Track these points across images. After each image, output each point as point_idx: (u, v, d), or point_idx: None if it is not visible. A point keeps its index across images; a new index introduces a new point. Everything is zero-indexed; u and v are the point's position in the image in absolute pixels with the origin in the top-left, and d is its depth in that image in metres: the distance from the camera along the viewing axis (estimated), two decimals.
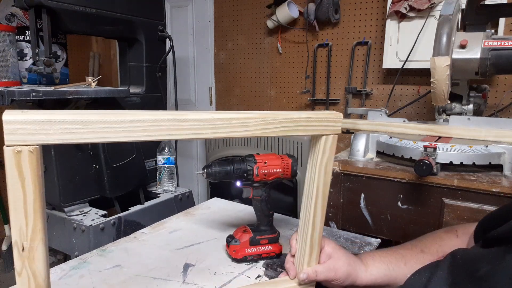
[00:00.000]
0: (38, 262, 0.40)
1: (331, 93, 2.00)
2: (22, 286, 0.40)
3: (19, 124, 0.36)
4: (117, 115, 0.40)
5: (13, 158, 0.36)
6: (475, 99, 1.27)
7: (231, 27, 2.32)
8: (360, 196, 1.17)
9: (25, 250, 0.39)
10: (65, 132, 0.38)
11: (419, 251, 0.62)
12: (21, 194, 0.38)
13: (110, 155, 1.37)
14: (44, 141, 0.38)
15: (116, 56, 2.68)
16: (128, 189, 1.47)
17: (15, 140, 0.36)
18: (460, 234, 0.61)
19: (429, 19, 1.56)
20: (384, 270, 0.61)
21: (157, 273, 0.69)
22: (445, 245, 0.61)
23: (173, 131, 0.42)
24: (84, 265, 0.72)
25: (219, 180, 0.71)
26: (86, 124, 0.39)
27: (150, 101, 1.63)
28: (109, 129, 0.40)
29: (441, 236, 0.63)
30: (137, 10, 1.51)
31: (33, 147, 0.37)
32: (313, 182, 0.55)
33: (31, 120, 0.36)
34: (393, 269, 0.61)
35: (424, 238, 0.65)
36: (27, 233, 0.39)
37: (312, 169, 0.55)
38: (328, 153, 0.53)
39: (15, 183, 0.37)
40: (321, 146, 0.52)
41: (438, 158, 1.03)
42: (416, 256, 0.61)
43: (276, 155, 0.75)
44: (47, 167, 1.31)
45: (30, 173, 0.37)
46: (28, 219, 0.39)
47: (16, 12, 1.55)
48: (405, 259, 0.62)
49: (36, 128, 0.37)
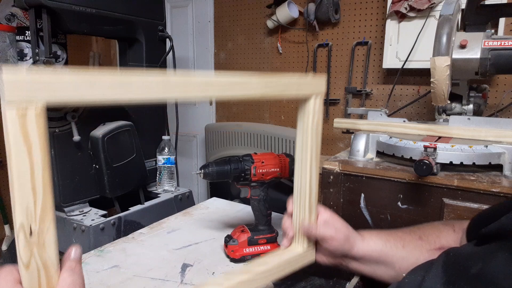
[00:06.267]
0: (50, 249, 0.34)
1: (331, 93, 2.00)
2: (31, 282, 0.34)
3: (23, 79, 0.31)
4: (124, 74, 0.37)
5: (18, 121, 0.31)
6: (475, 99, 1.27)
7: (231, 27, 2.32)
8: (360, 196, 1.16)
9: (34, 234, 0.33)
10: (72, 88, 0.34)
11: (417, 237, 0.62)
12: (28, 165, 0.32)
13: (110, 155, 1.37)
14: (51, 98, 0.32)
15: (116, 56, 2.69)
16: (128, 189, 1.47)
17: (19, 98, 0.31)
18: (457, 229, 0.61)
19: (429, 19, 1.56)
20: (380, 246, 0.61)
21: (155, 273, 0.69)
22: (442, 237, 0.61)
23: (181, 92, 0.42)
24: (82, 266, 0.72)
25: (216, 180, 0.71)
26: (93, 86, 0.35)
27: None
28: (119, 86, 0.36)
29: (439, 228, 0.63)
30: (137, 10, 1.51)
31: (40, 105, 0.32)
32: (307, 145, 0.57)
33: (36, 75, 0.32)
34: (390, 247, 0.61)
35: (423, 227, 0.65)
36: (36, 213, 0.33)
37: (304, 134, 0.57)
38: (318, 114, 0.57)
39: (21, 152, 0.31)
40: (311, 107, 0.56)
41: (438, 158, 1.02)
42: (414, 242, 0.61)
43: (273, 155, 0.75)
44: None
45: (38, 138, 0.32)
46: (37, 195, 0.33)
47: (16, 12, 1.56)
48: (403, 241, 0.62)
49: (42, 83, 0.32)
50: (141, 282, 0.67)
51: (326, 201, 1.23)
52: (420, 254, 0.60)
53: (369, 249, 0.61)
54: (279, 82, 0.50)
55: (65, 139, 1.30)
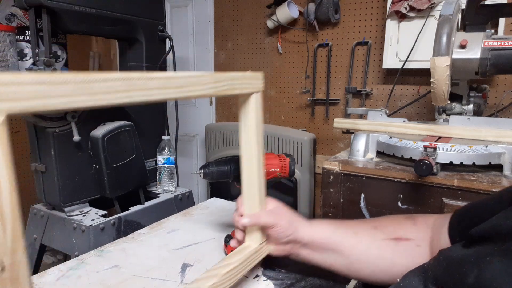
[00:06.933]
0: (24, 282, 0.30)
1: (331, 93, 2.00)
2: None
3: None
4: (89, 74, 0.34)
5: None
6: (475, 99, 1.27)
7: (231, 27, 2.32)
8: (360, 196, 1.16)
9: (6, 269, 0.28)
10: (36, 96, 0.30)
11: (372, 227, 0.61)
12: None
13: (110, 155, 1.37)
14: (12, 108, 0.28)
15: (116, 56, 2.69)
16: (128, 189, 1.47)
17: None
18: (418, 223, 0.60)
19: (429, 19, 1.56)
20: (329, 232, 0.61)
21: (155, 273, 0.69)
22: (400, 229, 0.60)
23: (142, 91, 0.40)
24: (82, 266, 0.72)
25: (216, 180, 0.71)
26: (58, 84, 0.31)
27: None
28: (84, 90, 0.33)
29: (399, 220, 0.62)
30: (137, 10, 1.51)
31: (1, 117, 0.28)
32: (251, 141, 0.60)
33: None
34: (339, 234, 0.61)
35: (382, 218, 0.64)
36: (6, 244, 0.28)
37: (248, 130, 0.60)
38: (260, 111, 0.60)
39: None
40: (253, 104, 0.59)
41: (438, 158, 1.02)
42: (368, 231, 0.61)
43: (273, 154, 0.75)
44: (47, 167, 1.31)
45: (2, 153, 0.28)
46: (6, 222, 0.28)
47: (16, 12, 1.56)
48: (355, 229, 0.61)
49: (2, 92, 0.28)
50: (141, 282, 0.67)
51: (326, 201, 1.23)
52: (371, 242, 0.59)
53: (316, 235, 0.61)
54: (226, 77, 0.52)
55: (65, 139, 1.30)
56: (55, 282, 0.66)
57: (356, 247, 0.60)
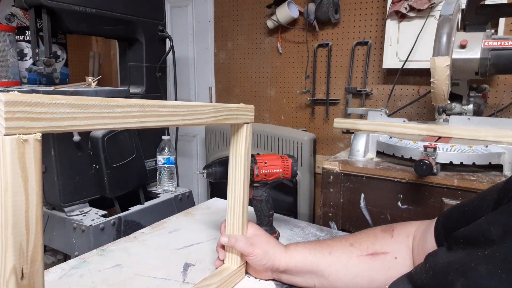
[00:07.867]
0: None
1: (331, 93, 2.00)
2: None
3: (22, 106, 0.29)
4: (110, 99, 0.38)
5: (17, 150, 0.28)
6: (475, 99, 1.27)
7: (231, 27, 2.32)
8: (360, 196, 1.17)
9: (25, 277, 0.30)
10: (67, 117, 0.33)
11: (348, 244, 0.62)
12: (23, 199, 0.29)
13: (110, 155, 1.37)
14: (47, 127, 0.31)
15: (116, 56, 2.69)
16: (128, 189, 1.47)
17: (18, 127, 0.29)
18: (396, 234, 0.60)
19: (429, 19, 1.56)
20: (305, 255, 0.62)
21: (157, 272, 0.69)
22: (377, 243, 0.60)
23: (154, 117, 0.44)
24: (84, 265, 0.72)
25: (219, 180, 0.71)
26: (86, 107, 0.35)
27: None
28: (107, 114, 0.37)
29: (375, 234, 0.62)
30: (137, 10, 1.51)
31: (38, 134, 0.30)
32: (240, 166, 0.63)
33: (35, 102, 0.30)
34: (315, 255, 0.61)
35: (359, 234, 0.64)
36: (28, 253, 0.30)
37: (238, 156, 0.63)
38: (249, 139, 0.64)
39: (17, 184, 0.29)
40: (244, 133, 0.63)
41: (438, 158, 1.03)
42: (343, 248, 0.61)
43: (276, 156, 0.75)
44: (47, 167, 1.31)
45: (34, 169, 0.30)
46: (30, 232, 0.30)
47: (16, 12, 1.55)
48: (331, 249, 0.62)
49: (40, 112, 0.30)
50: (143, 281, 0.67)
51: (326, 201, 1.23)
52: (347, 260, 0.59)
53: (292, 260, 0.62)
54: (225, 107, 0.57)
55: (65, 139, 1.30)
56: (57, 280, 0.66)
57: (333, 266, 0.60)
